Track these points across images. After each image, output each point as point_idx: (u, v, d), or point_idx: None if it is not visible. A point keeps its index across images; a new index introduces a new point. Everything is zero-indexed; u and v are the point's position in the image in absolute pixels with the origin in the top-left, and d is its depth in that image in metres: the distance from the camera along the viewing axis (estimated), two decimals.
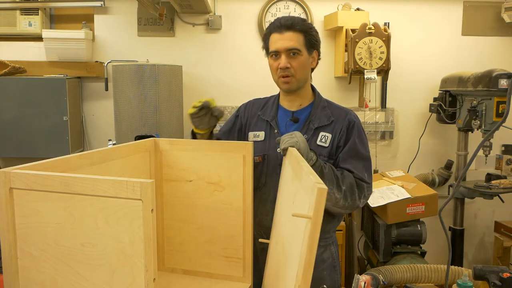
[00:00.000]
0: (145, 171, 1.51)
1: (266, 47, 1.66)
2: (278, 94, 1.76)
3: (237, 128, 1.77)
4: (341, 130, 1.64)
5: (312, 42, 1.62)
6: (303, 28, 1.59)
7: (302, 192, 1.12)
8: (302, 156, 1.33)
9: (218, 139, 1.68)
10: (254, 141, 1.65)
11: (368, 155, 1.65)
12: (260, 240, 1.54)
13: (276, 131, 1.67)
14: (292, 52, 1.58)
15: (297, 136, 1.43)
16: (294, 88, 1.64)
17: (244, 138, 1.72)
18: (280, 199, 1.45)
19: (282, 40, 1.58)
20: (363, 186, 1.57)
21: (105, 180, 0.91)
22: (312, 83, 1.76)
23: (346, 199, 1.52)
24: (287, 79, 1.60)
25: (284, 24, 1.58)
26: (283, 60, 1.58)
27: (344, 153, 1.61)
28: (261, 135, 1.69)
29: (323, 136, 1.64)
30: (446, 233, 1.46)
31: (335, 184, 1.50)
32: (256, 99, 1.82)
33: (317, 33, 1.66)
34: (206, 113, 1.47)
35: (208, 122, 1.50)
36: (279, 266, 1.27)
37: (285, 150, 1.42)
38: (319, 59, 1.70)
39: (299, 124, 1.67)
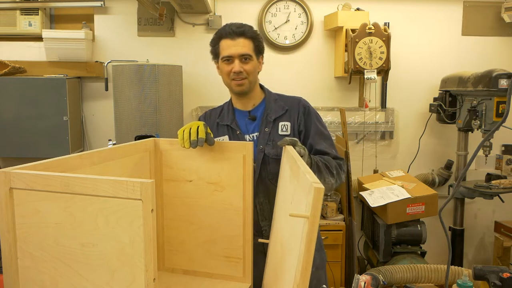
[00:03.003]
0: (145, 171, 1.51)
1: (215, 51, 1.76)
2: (230, 100, 1.86)
3: None
4: (298, 116, 1.76)
5: (260, 48, 1.75)
6: (252, 35, 1.71)
7: (299, 191, 1.13)
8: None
9: None
10: None
11: (329, 134, 1.79)
12: (260, 240, 1.55)
13: (238, 132, 1.76)
14: (244, 58, 1.68)
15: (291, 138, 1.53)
16: (246, 90, 1.73)
17: None
18: (278, 199, 1.45)
19: (236, 46, 1.67)
20: (341, 163, 1.71)
21: (105, 180, 0.91)
22: (261, 83, 1.86)
23: (336, 181, 1.67)
24: (241, 82, 1.70)
25: (236, 31, 1.68)
26: (236, 65, 1.68)
27: (313, 137, 1.73)
28: (225, 139, 1.77)
29: (283, 126, 1.74)
30: (446, 233, 1.46)
31: (329, 173, 1.62)
32: (211, 109, 1.91)
33: (263, 40, 1.81)
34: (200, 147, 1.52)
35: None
36: (278, 265, 1.27)
37: (284, 142, 1.48)
38: (263, 63, 1.81)
39: (258, 120, 1.77)
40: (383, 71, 3.17)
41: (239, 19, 3.40)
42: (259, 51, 1.75)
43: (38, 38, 3.36)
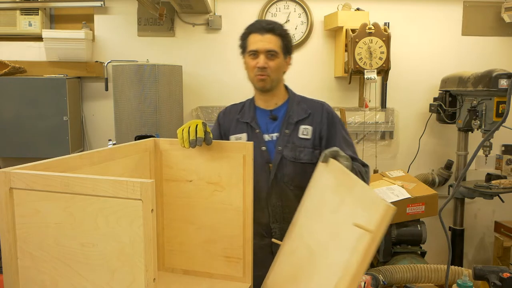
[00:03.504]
0: (145, 171, 1.51)
1: (243, 46, 1.75)
2: (253, 97, 1.84)
3: (222, 135, 1.83)
4: (321, 121, 1.74)
5: (288, 47, 1.73)
6: (281, 33, 1.70)
7: (355, 204, 1.12)
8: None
9: None
10: None
11: (352, 140, 1.78)
12: (273, 240, 1.55)
13: (257, 130, 1.74)
14: (270, 54, 1.67)
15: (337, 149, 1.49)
16: (268, 87, 1.71)
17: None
18: (307, 204, 1.44)
19: (263, 42, 1.66)
20: (368, 170, 1.70)
21: (105, 180, 0.91)
22: (286, 84, 1.84)
23: None
24: (263, 77, 1.68)
25: (265, 27, 1.68)
26: (261, 60, 1.66)
27: (340, 142, 1.70)
28: (243, 137, 1.76)
29: (304, 129, 1.72)
30: (446, 233, 1.46)
31: (366, 180, 1.62)
32: (232, 105, 1.90)
33: (292, 40, 1.78)
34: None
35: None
36: (300, 270, 1.27)
37: (326, 157, 1.45)
38: (290, 64, 1.79)
39: (279, 121, 1.75)
40: (383, 71, 3.17)
41: (239, 19, 3.44)
42: (286, 51, 1.73)
43: (38, 38, 3.36)
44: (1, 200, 1.00)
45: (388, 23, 3.41)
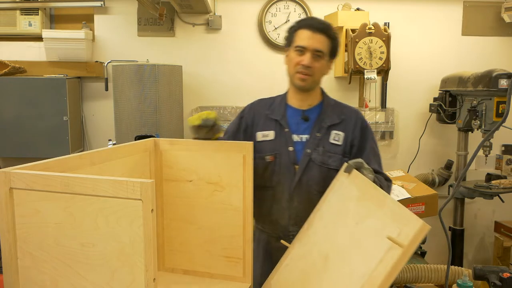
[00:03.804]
0: (145, 171, 1.51)
1: (290, 38, 1.67)
2: (285, 94, 1.77)
3: (242, 130, 1.77)
4: (354, 129, 1.69)
5: (335, 51, 1.67)
6: (332, 35, 1.64)
7: (385, 218, 1.14)
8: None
9: None
10: (264, 141, 1.69)
11: (379, 151, 1.75)
12: (282, 241, 1.53)
13: (286, 129, 1.68)
14: (317, 54, 1.60)
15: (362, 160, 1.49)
16: (307, 87, 1.66)
17: (250, 138, 1.71)
18: (324, 211, 1.45)
19: (314, 40, 1.59)
20: (390, 185, 1.69)
21: (105, 180, 0.91)
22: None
23: None
24: (304, 77, 1.62)
25: (318, 26, 1.61)
26: (307, 58, 1.59)
27: (368, 156, 1.67)
28: (270, 135, 1.69)
29: (335, 135, 1.67)
30: (446, 233, 1.46)
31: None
32: (261, 99, 1.82)
33: (339, 45, 1.71)
34: (207, 130, 1.50)
35: (206, 135, 1.52)
36: (312, 275, 1.29)
37: (350, 168, 1.45)
38: (331, 69, 1.74)
39: (310, 122, 1.69)
40: (383, 71, 3.17)
41: (239, 19, 3.44)
42: (333, 54, 1.67)
43: (38, 38, 3.36)
44: (1, 200, 1.00)
45: (388, 23, 3.41)
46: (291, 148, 1.66)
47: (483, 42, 3.51)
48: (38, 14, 3.34)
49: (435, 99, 3.40)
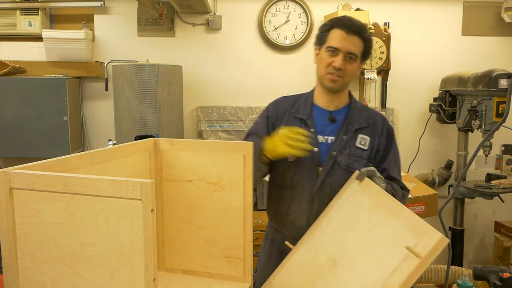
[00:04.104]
0: (145, 171, 1.51)
1: (322, 38, 1.62)
2: (311, 93, 1.73)
3: (270, 130, 1.71)
4: (380, 135, 1.66)
5: (367, 53, 1.63)
6: (367, 37, 1.59)
7: (401, 228, 1.15)
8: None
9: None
10: None
11: (400, 160, 1.75)
12: (286, 243, 1.52)
13: (312, 130, 1.63)
14: (350, 56, 1.56)
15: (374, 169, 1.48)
16: (337, 89, 1.62)
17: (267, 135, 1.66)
18: (333, 216, 1.44)
19: (347, 41, 1.55)
20: (406, 194, 1.67)
21: (105, 180, 0.91)
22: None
23: None
24: (335, 78, 1.58)
25: (354, 27, 1.56)
26: (339, 60, 1.55)
27: (391, 161, 1.67)
28: None
29: (362, 139, 1.63)
30: (446, 233, 1.46)
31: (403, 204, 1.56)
32: (284, 96, 1.77)
33: (372, 48, 1.67)
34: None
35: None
36: (316, 278, 1.30)
37: (362, 176, 1.44)
38: (360, 70, 1.71)
39: (337, 124, 1.65)
40: (383, 71, 3.17)
41: (239, 19, 3.44)
42: (365, 56, 1.63)
43: (38, 38, 3.36)
44: (1, 200, 1.00)
45: (388, 23, 3.41)
46: (315, 149, 1.61)
47: (483, 42, 3.51)
48: (38, 14, 3.34)
49: (435, 99, 3.40)
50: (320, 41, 1.63)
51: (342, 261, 1.26)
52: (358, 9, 3.30)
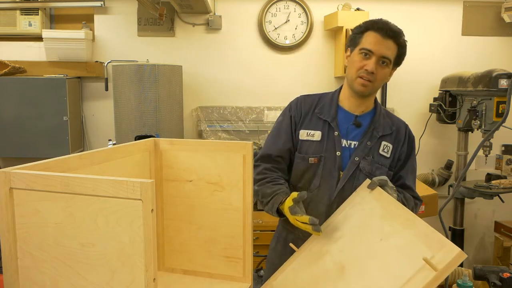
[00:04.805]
0: (145, 171, 1.51)
1: (355, 39, 1.57)
2: (337, 93, 1.68)
3: (293, 129, 1.66)
4: (403, 143, 1.63)
5: (401, 59, 1.58)
6: (402, 43, 1.55)
7: (415, 239, 1.15)
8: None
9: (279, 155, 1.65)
10: (308, 140, 1.61)
11: (416, 168, 1.70)
12: (291, 245, 1.51)
13: (336, 133, 1.59)
14: (383, 61, 1.52)
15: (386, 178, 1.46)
16: (367, 93, 1.58)
17: (294, 136, 1.65)
18: (341, 222, 1.44)
19: (382, 45, 1.51)
20: (418, 204, 1.65)
21: (105, 180, 0.91)
22: None
23: None
24: (366, 83, 1.53)
25: (390, 31, 1.51)
26: (372, 64, 1.51)
27: (408, 170, 1.64)
28: (316, 135, 1.61)
29: (385, 146, 1.60)
30: (446, 233, 1.46)
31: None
32: (306, 95, 1.71)
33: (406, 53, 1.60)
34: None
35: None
36: (321, 283, 1.30)
37: (373, 185, 1.42)
38: (391, 76, 1.64)
39: (362, 129, 1.61)
40: None
41: (239, 19, 3.44)
42: (398, 62, 1.58)
43: (38, 38, 3.36)
44: (1, 200, 1.00)
45: None
46: (338, 153, 1.58)
47: (483, 42, 3.51)
48: (38, 14, 3.34)
49: (435, 99, 3.40)
50: (353, 42, 1.58)
51: (351, 267, 1.26)
52: (358, 9, 3.30)
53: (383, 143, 1.60)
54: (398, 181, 1.61)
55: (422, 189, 2.95)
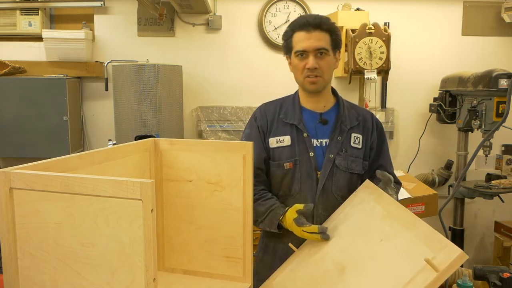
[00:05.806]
0: (145, 171, 1.51)
1: (288, 46, 1.60)
2: (296, 95, 1.68)
3: (263, 139, 1.66)
4: (372, 132, 1.65)
5: (337, 42, 1.58)
6: (330, 27, 1.55)
7: (416, 240, 1.15)
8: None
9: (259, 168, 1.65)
10: (279, 147, 1.61)
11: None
12: (290, 245, 1.51)
13: (305, 134, 1.60)
14: (320, 52, 1.53)
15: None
16: (320, 89, 1.59)
17: (265, 145, 1.65)
18: (340, 222, 1.45)
19: (311, 40, 1.52)
20: (400, 188, 1.69)
21: (105, 180, 0.91)
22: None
23: None
24: (314, 79, 1.55)
25: (312, 23, 1.52)
26: (311, 61, 1.52)
27: (385, 159, 1.68)
28: (286, 140, 1.61)
29: (355, 138, 1.61)
30: (446, 233, 1.46)
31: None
32: (267, 103, 1.72)
33: (340, 33, 1.62)
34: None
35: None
36: (321, 283, 1.31)
37: (385, 176, 1.46)
38: (339, 59, 1.65)
39: (329, 125, 1.62)
40: (383, 71, 3.17)
41: (239, 19, 3.44)
42: (336, 46, 1.57)
43: (38, 38, 3.36)
44: (1, 200, 1.00)
45: (388, 23, 3.41)
46: (311, 154, 1.59)
47: (483, 42, 3.51)
48: (38, 14, 3.34)
49: (435, 99, 3.40)
50: (287, 49, 1.61)
51: (351, 268, 1.26)
52: (358, 9, 3.30)
53: (353, 135, 1.61)
54: (379, 169, 1.60)
55: (422, 189, 2.94)
